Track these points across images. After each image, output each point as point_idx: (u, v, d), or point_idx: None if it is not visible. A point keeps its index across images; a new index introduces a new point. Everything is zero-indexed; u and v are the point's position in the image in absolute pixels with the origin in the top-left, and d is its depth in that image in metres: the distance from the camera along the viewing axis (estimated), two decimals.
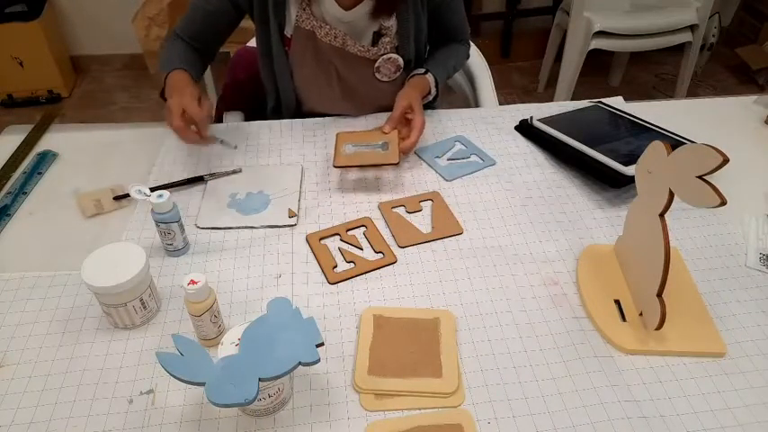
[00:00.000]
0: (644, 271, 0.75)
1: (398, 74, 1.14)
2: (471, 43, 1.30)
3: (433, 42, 1.19)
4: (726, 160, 0.63)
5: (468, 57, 1.27)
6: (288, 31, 1.07)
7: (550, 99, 2.51)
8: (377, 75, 1.12)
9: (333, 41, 1.06)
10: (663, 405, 0.67)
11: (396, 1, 1.04)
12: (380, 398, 0.68)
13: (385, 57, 1.10)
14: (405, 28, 1.09)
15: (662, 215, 0.71)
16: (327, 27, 1.05)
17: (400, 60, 1.12)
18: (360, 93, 1.15)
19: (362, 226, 0.92)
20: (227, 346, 0.62)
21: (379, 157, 0.98)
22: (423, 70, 1.12)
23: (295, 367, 0.60)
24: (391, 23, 1.08)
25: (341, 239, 0.90)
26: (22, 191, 0.98)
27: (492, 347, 0.74)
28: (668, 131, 1.07)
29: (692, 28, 2.25)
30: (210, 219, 0.93)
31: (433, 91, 1.13)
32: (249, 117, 1.20)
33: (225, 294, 0.81)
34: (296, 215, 0.94)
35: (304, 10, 1.03)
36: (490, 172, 1.04)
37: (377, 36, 1.09)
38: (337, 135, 1.04)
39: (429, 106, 1.20)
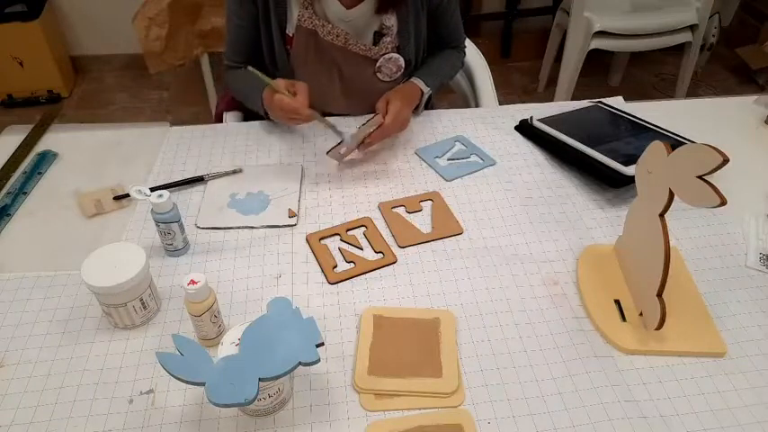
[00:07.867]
0: (644, 271, 0.75)
1: (399, 74, 1.14)
2: (472, 43, 1.29)
3: (429, 48, 1.19)
4: (726, 160, 0.63)
5: (462, 65, 1.28)
6: (289, 30, 1.07)
7: (550, 99, 2.50)
8: (378, 75, 1.13)
9: (335, 40, 1.06)
10: (663, 405, 0.67)
11: None
12: (380, 398, 0.68)
13: (386, 56, 1.10)
14: (405, 27, 1.09)
15: (662, 215, 0.71)
16: (330, 26, 1.05)
17: (401, 60, 1.12)
18: (361, 92, 1.15)
19: (362, 226, 0.92)
20: (227, 346, 0.62)
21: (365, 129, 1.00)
22: (406, 79, 1.13)
23: (295, 367, 0.60)
24: (392, 23, 1.08)
25: (341, 239, 0.90)
26: (22, 191, 0.98)
27: (492, 347, 0.74)
28: (668, 131, 1.07)
29: (692, 28, 2.24)
30: (210, 219, 0.93)
31: (425, 89, 1.11)
32: (249, 117, 1.20)
33: (225, 294, 0.81)
34: (296, 215, 0.94)
35: (306, 9, 1.04)
36: (490, 172, 1.04)
37: (378, 36, 1.09)
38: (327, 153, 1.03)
39: (427, 105, 1.20)
